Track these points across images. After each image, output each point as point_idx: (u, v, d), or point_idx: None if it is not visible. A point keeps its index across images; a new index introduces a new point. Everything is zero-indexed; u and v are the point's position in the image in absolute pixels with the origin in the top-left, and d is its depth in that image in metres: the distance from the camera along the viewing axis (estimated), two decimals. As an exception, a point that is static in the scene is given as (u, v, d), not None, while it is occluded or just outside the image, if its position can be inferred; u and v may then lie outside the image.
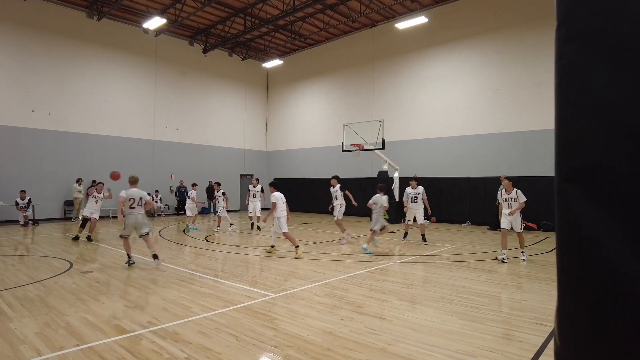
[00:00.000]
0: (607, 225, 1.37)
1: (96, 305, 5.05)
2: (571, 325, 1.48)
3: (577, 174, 1.46)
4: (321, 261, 8.21)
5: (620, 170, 1.35)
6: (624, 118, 1.35)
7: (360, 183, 19.86)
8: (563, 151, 1.52)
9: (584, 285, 1.43)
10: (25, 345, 3.79)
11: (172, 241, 11.09)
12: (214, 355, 3.60)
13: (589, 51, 1.43)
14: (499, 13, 16.00)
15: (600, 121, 1.40)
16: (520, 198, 8.11)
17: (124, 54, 19.32)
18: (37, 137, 16.48)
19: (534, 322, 4.53)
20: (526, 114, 15.07)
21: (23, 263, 7.82)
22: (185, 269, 7.28)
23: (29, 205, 15.06)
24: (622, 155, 1.35)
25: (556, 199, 1.53)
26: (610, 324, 1.36)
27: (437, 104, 17.85)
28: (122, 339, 3.95)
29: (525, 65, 15.17)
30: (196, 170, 21.57)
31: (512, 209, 8.14)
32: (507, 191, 8.31)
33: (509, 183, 8.33)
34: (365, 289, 5.96)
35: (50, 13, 16.94)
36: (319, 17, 19.01)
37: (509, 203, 8.25)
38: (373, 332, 4.18)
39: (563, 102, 1.52)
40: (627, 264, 1.31)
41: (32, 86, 16.41)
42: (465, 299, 5.46)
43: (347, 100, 21.66)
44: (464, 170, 16.70)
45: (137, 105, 19.79)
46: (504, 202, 8.37)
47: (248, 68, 24.89)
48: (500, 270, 7.43)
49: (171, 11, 18.17)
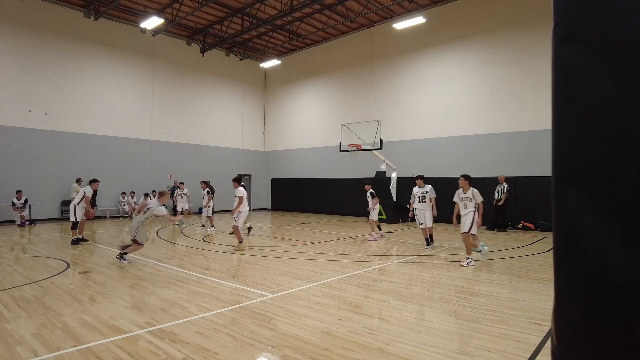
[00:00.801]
0: (604, 225, 1.37)
1: (93, 306, 5.03)
2: (568, 325, 1.49)
3: (574, 174, 1.47)
4: (319, 261, 8.21)
5: (617, 171, 1.36)
6: (620, 118, 1.35)
7: (358, 183, 19.88)
8: (560, 152, 1.52)
9: (580, 285, 1.43)
10: (22, 346, 3.77)
11: (169, 241, 11.07)
12: (211, 355, 3.59)
13: (586, 51, 1.43)
14: (496, 13, 16.04)
15: (597, 122, 1.41)
16: (477, 198, 7.79)
17: (122, 53, 19.26)
18: (34, 137, 16.42)
19: (531, 321, 4.54)
20: (524, 115, 15.11)
21: (19, 263, 7.79)
22: (182, 269, 7.27)
23: (25, 205, 14.99)
24: (619, 156, 1.35)
25: (553, 199, 1.53)
26: (607, 324, 1.37)
27: (434, 104, 17.88)
28: (119, 339, 3.94)
29: (522, 65, 15.21)
30: (193, 170, 21.52)
31: (467, 210, 7.88)
32: (464, 191, 7.97)
33: (465, 182, 7.95)
34: (363, 289, 5.96)
35: (47, 12, 16.87)
36: (317, 17, 19.01)
37: (464, 203, 7.95)
38: (371, 332, 4.18)
39: (560, 102, 1.52)
40: (623, 264, 1.32)
41: (28, 86, 16.35)
42: (462, 298, 5.47)
43: (345, 101, 21.67)
44: (461, 170, 16.60)
45: (134, 105, 19.73)
46: (460, 202, 8.04)
47: (246, 68, 24.86)
48: (497, 271, 7.45)
49: (169, 11, 18.13)
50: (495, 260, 8.45)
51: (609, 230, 1.36)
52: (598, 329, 1.39)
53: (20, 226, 14.46)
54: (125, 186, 18.92)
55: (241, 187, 9.75)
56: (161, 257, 8.45)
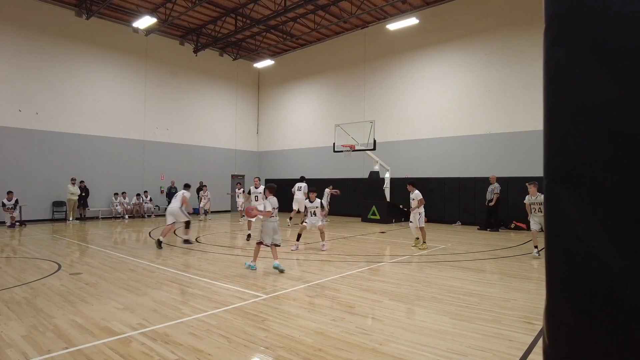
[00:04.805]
0: (595, 225, 1.39)
1: (85, 307, 4.99)
2: (559, 324, 1.50)
3: (565, 174, 1.48)
4: (313, 262, 8.21)
5: (607, 171, 1.37)
6: (611, 119, 1.37)
7: (352, 184, 19.91)
8: (551, 152, 1.54)
9: (571, 284, 1.45)
10: (12, 348, 3.72)
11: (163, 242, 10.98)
12: (205, 356, 3.57)
13: (577, 52, 1.45)
14: (488, 15, 16.15)
15: (588, 122, 1.42)
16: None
17: (114, 53, 19.11)
18: (24, 137, 16.22)
19: (523, 320, 4.58)
20: (515, 115, 15.24)
21: (10, 265, 7.69)
22: (175, 270, 7.23)
23: (16, 206, 14.82)
24: (610, 156, 1.37)
25: (545, 199, 1.55)
26: (597, 322, 1.38)
27: (427, 105, 17.96)
28: (111, 341, 3.91)
29: (514, 66, 15.34)
30: (187, 170, 21.41)
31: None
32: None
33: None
34: (357, 289, 5.97)
35: (38, 11, 16.69)
36: (311, 18, 19.02)
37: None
38: (364, 332, 4.19)
39: (551, 103, 1.54)
40: (614, 264, 1.33)
41: (18, 85, 16.16)
42: (455, 298, 5.50)
43: (338, 101, 21.70)
44: (454, 170, 16.82)
45: (126, 105, 19.59)
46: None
47: (239, 68, 24.79)
48: (490, 270, 7.50)
49: (162, 10, 18.03)
50: (487, 260, 8.50)
51: (599, 230, 1.38)
52: (589, 328, 1.40)
53: (10, 227, 14.29)
54: (117, 187, 18.76)
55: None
56: (154, 258, 8.40)
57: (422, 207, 9.85)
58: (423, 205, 9.88)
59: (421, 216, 9.77)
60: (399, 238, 11.94)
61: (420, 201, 9.80)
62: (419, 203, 9.77)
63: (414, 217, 9.89)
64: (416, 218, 9.78)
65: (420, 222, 9.74)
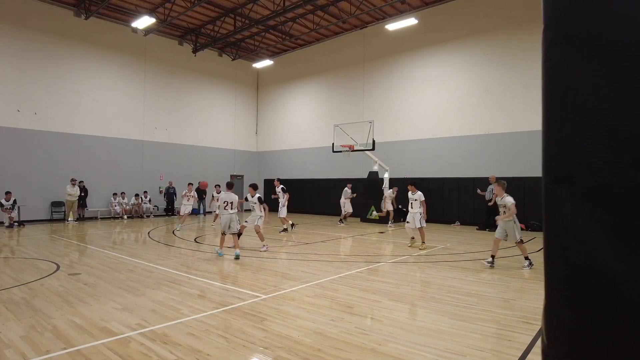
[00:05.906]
0: (593, 226, 1.39)
1: (84, 308, 4.98)
2: (558, 324, 1.50)
3: (564, 174, 1.48)
4: (312, 262, 8.21)
5: (606, 172, 1.37)
6: (609, 119, 1.37)
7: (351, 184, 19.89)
8: (550, 152, 1.54)
9: (570, 285, 1.45)
10: (10, 349, 3.72)
11: (161, 242, 10.99)
12: (203, 357, 3.57)
13: (575, 53, 1.45)
14: (488, 15, 16.17)
15: (587, 122, 1.42)
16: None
17: (113, 53, 19.08)
18: (23, 137, 16.19)
19: (522, 321, 4.59)
20: (514, 116, 15.26)
21: (8, 265, 7.68)
22: (174, 270, 7.22)
23: (14, 206, 14.78)
24: (609, 157, 1.37)
25: (543, 200, 1.55)
26: (596, 322, 1.38)
27: (426, 105, 17.97)
28: (110, 341, 3.90)
29: (513, 67, 15.36)
30: (186, 170, 21.40)
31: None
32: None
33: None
34: (356, 290, 5.97)
35: (36, 11, 16.66)
36: (310, 18, 19.01)
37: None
38: (363, 332, 4.19)
39: (550, 103, 1.54)
40: (613, 264, 1.34)
41: (17, 85, 16.13)
42: (454, 298, 5.50)
43: (337, 101, 21.70)
44: (453, 170, 16.83)
45: (125, 105, 19.56)
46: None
47: (238, 68, 24.78)
48: (488, 270, 7.50)
49: (160, 10, 18.01)
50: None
51: (599, 230, 1.38)
52: (588, 328, 1.40)
53: (8, 227, 14.25)
54: (116, 187, 18.74)
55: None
56: (153, 258, 8.39)
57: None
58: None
59: (421, 217, 9.76)
60: (397, 238, 11.94)
61: (423, 202, 9.81)
62: (423, 205, 9.78)
63: (411, 218, 9.88)
64: (416, 219, 9.75)
65: (422, 222, 9.73)
